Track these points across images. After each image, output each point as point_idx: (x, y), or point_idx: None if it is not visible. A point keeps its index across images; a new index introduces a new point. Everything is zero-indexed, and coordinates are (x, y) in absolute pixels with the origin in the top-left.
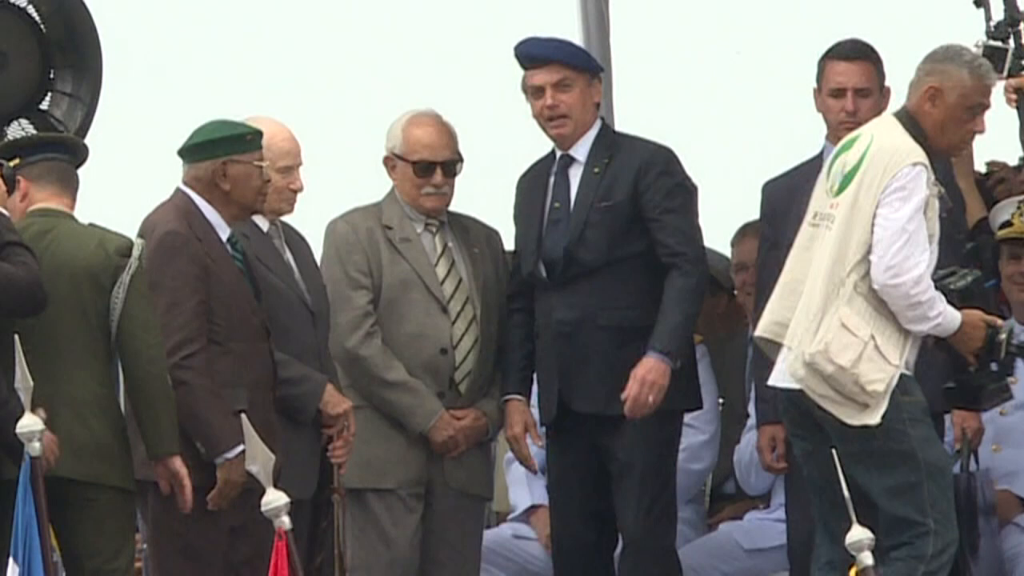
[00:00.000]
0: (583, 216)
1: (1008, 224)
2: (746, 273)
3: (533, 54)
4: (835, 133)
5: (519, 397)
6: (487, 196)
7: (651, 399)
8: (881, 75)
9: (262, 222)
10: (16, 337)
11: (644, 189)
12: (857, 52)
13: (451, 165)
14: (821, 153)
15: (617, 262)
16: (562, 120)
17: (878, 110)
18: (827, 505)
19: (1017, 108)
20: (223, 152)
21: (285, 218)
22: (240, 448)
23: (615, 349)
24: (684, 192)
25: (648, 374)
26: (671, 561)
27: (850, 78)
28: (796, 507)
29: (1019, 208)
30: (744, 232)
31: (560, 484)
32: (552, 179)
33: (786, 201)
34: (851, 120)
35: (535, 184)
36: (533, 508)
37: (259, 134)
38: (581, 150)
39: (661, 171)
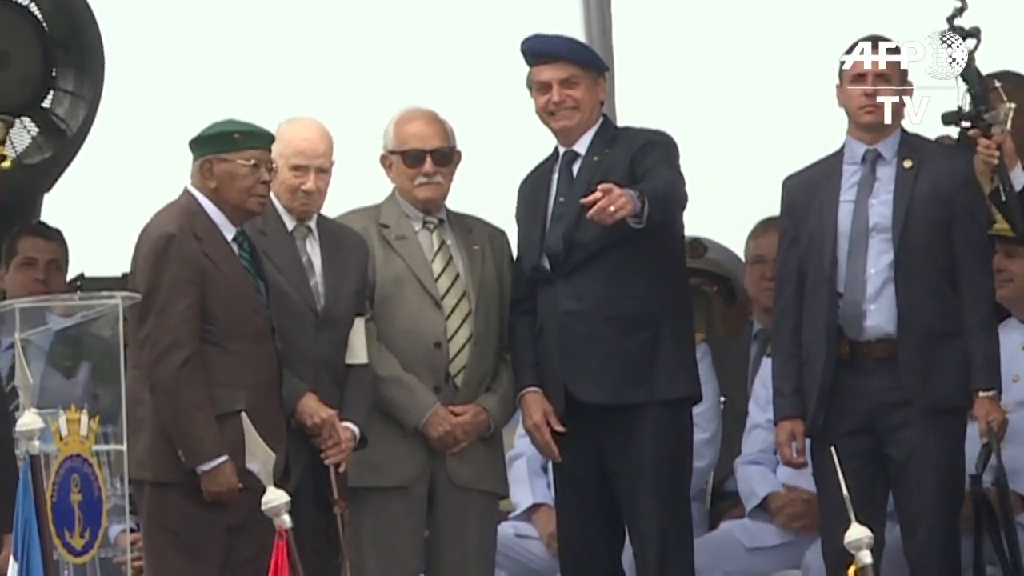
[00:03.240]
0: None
1: (992, 222)
2: (764, 266)
3: (540, 50)
4: (856, 119)
5: (535, 389)
6: (492, 196)
7: (612, 209)
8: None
9: (289, 220)
10: (17, 337)
11: (639, 163)
12: (878, 41)
13: (441, 154)
14: (842, 149)
15: (617, 246)
16: (569, 112)
17: (900, 99)
18: None
19: None
20: (208, 150)
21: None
22: (220, 459)
23: (621, 338)
24: (676, 157)
25: (620, 192)
26: (685, 564)
27: (871, 64)
28: (830, 510)
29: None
30: (767, 225)
31: (565, 483)
32: (556, 176)
33: (806, 196)
34: (870, 103)
35: (538, 184)
36: (535, 507)
37: (253, 135)
38: (583, 145)
39: (653, 146)
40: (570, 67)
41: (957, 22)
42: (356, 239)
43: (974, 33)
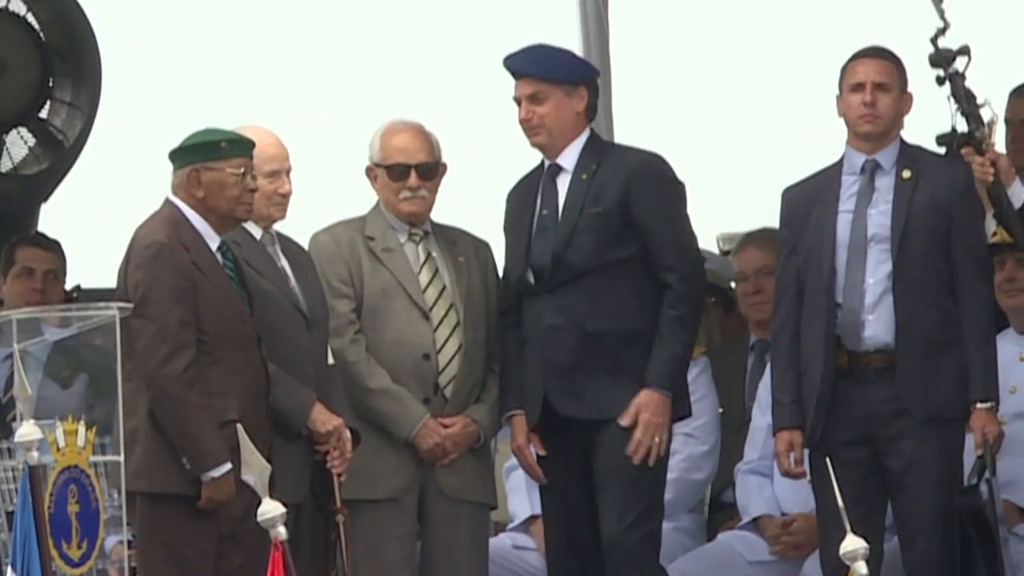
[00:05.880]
0: (572, 222)
1: (993, 234)
2: (746, 283)
3: (512, 67)
4: (855, 128)
5: (521, 412)
6: (475, 207)
7: (658, 440)
8: (903, 78)
9: (254, 229)
10: (16, 348)
11: (634, 195)
12: (877, 52)
13: (426, 168)
14: (841, 159)
15: (606, 267)
16: (536, 130)
17: (897, 110)
18: None
19: None
20: (195, 159)
21: (278, 227)
22: (226, 467)
23: (603, 354)
24: (675, 197)
25: (652, 416)
26: (649, 570)
27: (869, 73)
28: (828, 521)
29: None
30: (743, 242)
31: (551, 491)
32: (541, 188)
33: (805, 206)
34: (870, 113)
35: (525, 195)
36: (533, 518)
37: (238, 143)
38: (569, 159)
39: (650, 177)
40: (535, 83)
41: (941, 42)
42: (300, 247)
43: (964, 51)
